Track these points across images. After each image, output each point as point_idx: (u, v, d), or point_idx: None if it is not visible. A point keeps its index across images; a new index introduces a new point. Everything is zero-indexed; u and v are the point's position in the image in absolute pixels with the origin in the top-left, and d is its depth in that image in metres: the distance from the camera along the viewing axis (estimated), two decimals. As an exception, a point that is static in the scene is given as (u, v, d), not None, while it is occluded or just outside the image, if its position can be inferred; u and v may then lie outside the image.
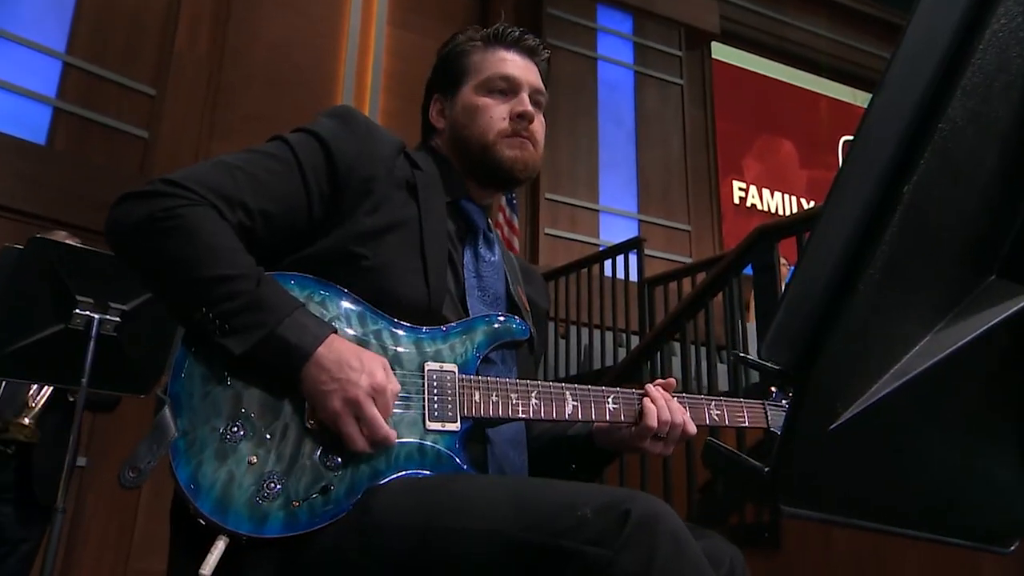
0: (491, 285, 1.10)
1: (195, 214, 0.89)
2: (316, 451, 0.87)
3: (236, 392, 0.86)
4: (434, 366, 0.96)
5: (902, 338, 0.47)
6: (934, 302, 0.49)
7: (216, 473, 0.82)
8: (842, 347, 0.45)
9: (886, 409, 0.45)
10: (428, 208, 1.05)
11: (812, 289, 0.45)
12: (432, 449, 0.92)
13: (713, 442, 0.48)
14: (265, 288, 0.88)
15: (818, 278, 0.45)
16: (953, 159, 0.46)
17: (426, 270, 1.00)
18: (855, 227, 0.46)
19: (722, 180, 7.12)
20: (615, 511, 0.74)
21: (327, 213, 0.99)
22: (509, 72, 1.12)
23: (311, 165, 0.98)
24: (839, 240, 0.46)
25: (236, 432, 0.84)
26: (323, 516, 0.85)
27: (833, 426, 0.44)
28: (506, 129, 1.10)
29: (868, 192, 0.46)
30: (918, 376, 0.46)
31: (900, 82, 0.46)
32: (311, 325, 0.88)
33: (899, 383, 0.46)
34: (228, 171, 0.94)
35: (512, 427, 1.06)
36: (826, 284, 0.46)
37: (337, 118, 1.03)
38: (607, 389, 1.06)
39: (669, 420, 1.05)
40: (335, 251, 0.98)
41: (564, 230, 6.18)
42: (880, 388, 0.46)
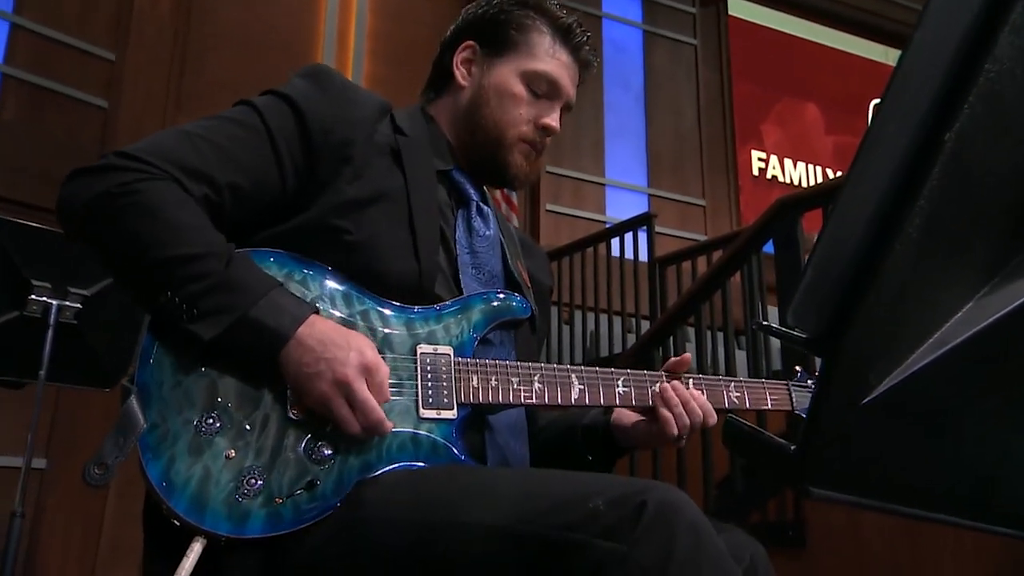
0: (486, 262, 1.09)
1: (154, 189, 0.87)
2: (300, 443, 0.87)
3: (211, 380, 0.86)
4: (427, 349, 0.95)
5: (942, 304, 0.47)
6: (978, 264, 0.48)
7: (191, 469, 0.82)
8: (876, 313, 0.45)
9: (924, 382, 0.45)
10: (415, 176, 1.04)
11: (843, 249, 0.45)
12: (427, 439, 0.92)
13: (734, 419, 0.48)
14: (236, 267, 0.87)
15: (850, 237, 0.45)
16: (1000, 104, 0.45)
17: (416, 245, 0.99)
18: (891, 180, 0.45)
19: (739, 149, 7.10)
20: (630, 502, 0.73)
21: (303, 184, 0.98)
22: (559, 79, 1.12)
23: (281, 131, 0.97)
24: (873, 195, 0.45)
25: (212, 424, 0.84)
26: (309, 514, 0.84)
27: (866, 400, 0.44)
28: (527, 134, 1.11)
29: (906, 141, 0.45)
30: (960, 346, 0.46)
31: (941, 18, 0.45)
32: (289, 305, 0.88)
33: (939, 353, 0.46)
34: (189, 141, 0.93)
35: (512, 414, 1.06)
36: (859, 244, 0.45)
37: (310, 78, 1.02)
38: (616, 371, 1.05)
39: (687, 423, 1.06)
40: (314, 225, 0.96)
41: (567, 206, 6.16)
42: (918, 359, 0.45)
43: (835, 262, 0.45)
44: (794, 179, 7.26)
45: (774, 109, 7.40)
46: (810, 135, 7.50)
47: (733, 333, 3.34)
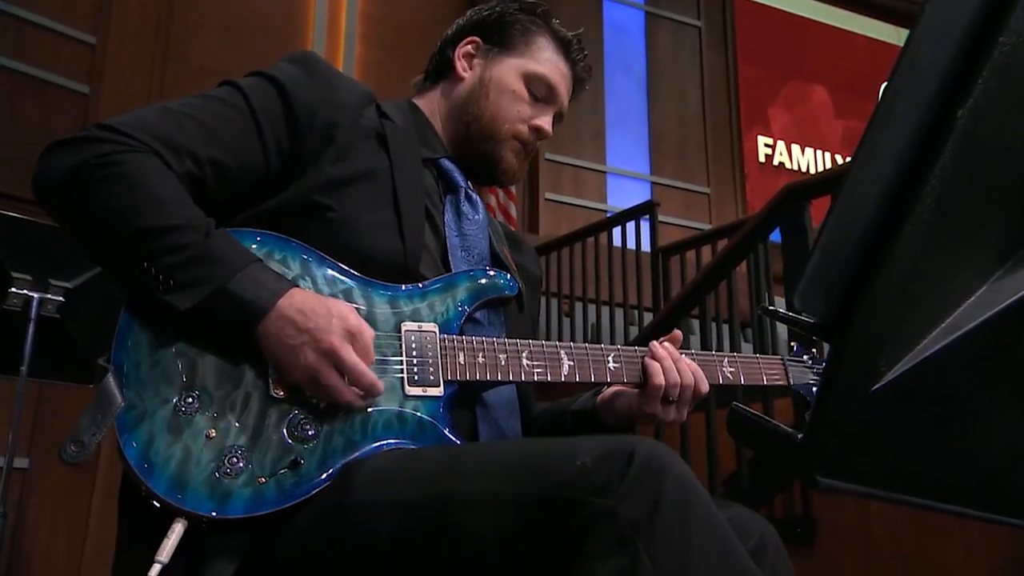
0: (476, 244, 1.11)
1: (135, 161, 0.88)
2: (283, 422, 0.88)
3: (189, 360, 0.87)
4: (412, 326, 0.97)
5: (955, 287, 0.47)
6: (992, 246, 0.48)
7: (170, 449, 0.82)
8: (886, 297, 0.45)
9: (936, 368, 0.45)
10: (401, 160, 1.06)
11: (852, 230, 0.45)
12: (413, 417, 0.93)
13: (738, 407, 0.48)
14: (215, 240, 0.88)
15: (858, 218, 0.45)
16: (1015, 79, 0.45)
17: (400, 224, 1.01)
18: (901, 159, 0.45)
19: (745, 135, 7.09)
20: (616, 457, 0.75)
21: (287, 165, 1.00)
22: (558, 85, 1.19)
23: (266, 111, 0.99)
24: (882, 174, 0.45)
25: (191, 404, 0.85)
26: (293, 494, 0.85)
27: (876, 387, 0.44)
28: (521, 132, 1.16)
29: (916, 118, 0.45)
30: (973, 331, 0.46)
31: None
32: (268, 280, 0.89)
33: (952, 338, 0.46)
34: (172, 117, 0.95)
35: (504, 392, 1.07)
36: (868, 225, 0.45)
37: (296, 62, 1.05)
38: (607, 348, 1.07)
39: (678, 380, 1.06)
40: (297, 203, 0.98)
41: (567, 195, 6.15)
42: (930, 344, 0.45)
43: (843, 244, 0.45)
44: (802, 165, 7.25)
45: (781, 93, 7.39)
46: (819, 119, 7.49)
47: (739, 325, 3.34)
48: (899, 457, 0.47)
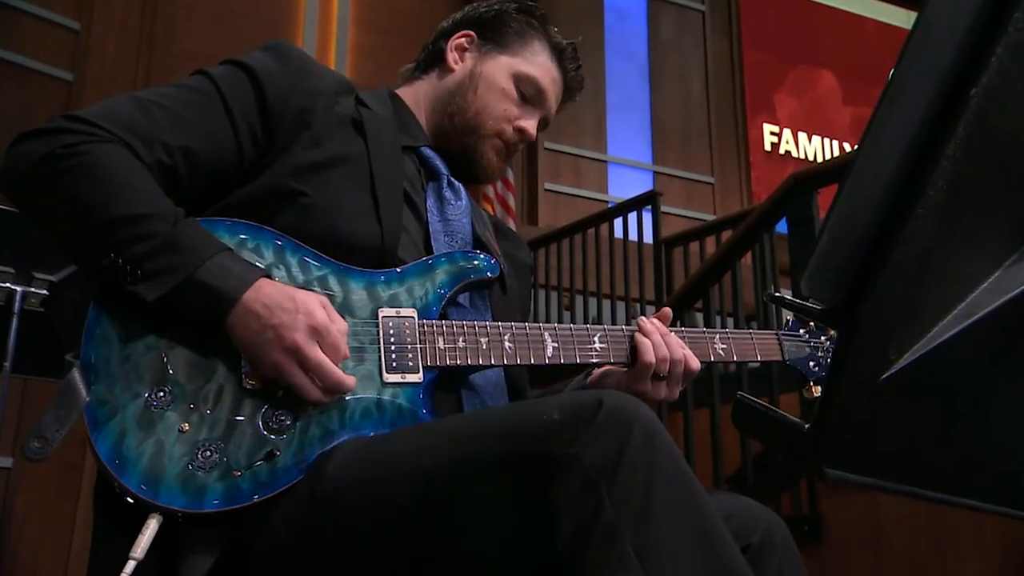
0: (459, 229, 1.12)
1: (103, 151, 0.89)
2: (258, 414, 0.89)
3: (160, 354, 0.88)
4: (389, 312, 0.98)
5: (967, 273, 0.47)
6: (1005, 231, 0.48)
7: (142, 445, 0.83)
8: (896, 283, 0.44)
9: (948, 355, 0.45)
10: (378, 145, 1.08)
11: (861, 214, 0.45)
12: (391, 404, 0.94)
13: (744, 397, 0.48)
14: (184, 229, 0.89)
15: (868, 201, 0.44)
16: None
17: (378, 208, 1.03)
18: (912, 140, 0.45)
19: (751, 123, 7.08)
20: (585, 408, 0.76)
21: (261, 153, 1.01)
22: (547, 90, 1.21)
23: (238, 98, 1.01)
24: (892, 156, 0.45)
25: (163, 398, 0.85)
26: (269, 486, 0.86)
27: (885, 375, 0.44)
28: (504, 131, 1.18)
29: (928, 97, 0.45)
30: (986, 317, 0.46)
31: (967, -36, 0.44)
32: (237, 269, 0.90)
33: (964, 325, 0.46)
34: (141, 106, 0.96)
35: (491, 374, 1.08)
36: (877, 208, 0.45)
37: (269, 50, 1.07)
38: (592, 327, 1.07)
39: (667, 356, 1.06)
40: (270, 189, 0.99)
41: (567, 184, 6.14)
42: (941, 331, 0.45)
43: (852, 227, 0.45)
44: (809, 154, 7.24)
45: (788, 79, 7.38)
46: (826, 106, 7.48)
47: (744, 318, 3.34)
48: (910, 448, 0.47)
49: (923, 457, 0.47)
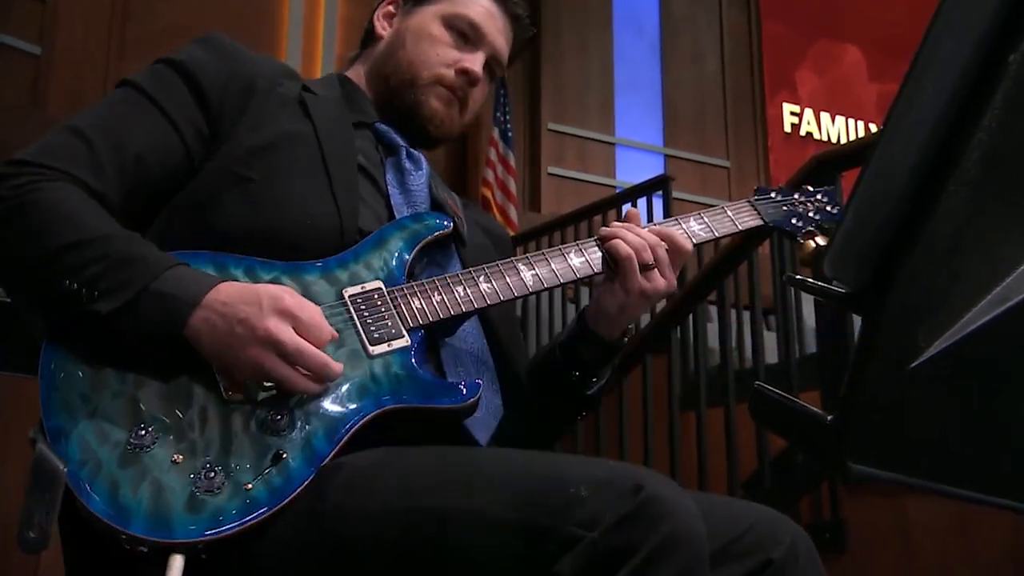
0: (422, 199, 1.16)
1: (49, 187, 0.93)
2: (250, 423, 0.89)
3: (129, 396, 0.89)
4: (354, 289, 1.00)
5: (1003, 254, 0.47)
6: (1044, 209, 0.48)
7: (139, 489, 0.83)
8: (926, 265, 0.44)
9: (982, 343, 0.45)
10: (326, 123, 1.11)
11: (889, 190, 0.44)
12: (385, 375, 0.96)
13: (762, 387, 0.48)
14: (138, 246, 0.93)
15: (896, 176, 0.44)
16: (1072, 19, 0.44)
17: (332, 184, 1.05)
18: (945, 109, 0.45)
19: (769, 102, 7.06)
20: (618, 490, 0.77)
21: (207, 146, 1.05)
22: (480, 22, 1.21)
23: (171, 97, 1.05)
24: (923, 127, 0.44)
25: (144, 437, 0.86)
26: (286, 489, 0.86)
27: (915, 364, 0.43)
28: (444, 77, 1.18)
29: (962, 63, 0.45)
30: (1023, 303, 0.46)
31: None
32: (193, 276, 0.92)
33: (999, 311, 0.46)
34: (78, 134, 1.00)
35: (471, 341, 1.10)
36: (906, 184, 0.45)
37: (198, 43, 1.11)
38: (563, 246, 1.11)
39: (643, 241, 1.08)
40: (214, 180, 1.02)
41: (572, 169, 6.13)
42: (975, 317, 0.45)
43: (879, 205, 0.45)
44: (832, 135, 7.23)
45: (809, 54, 7.36)
46: (851, 84, 7.45)
47: (761, 312, 3.34)
48: (939, 442, 0.47)
49: (953, 452, 0.47)
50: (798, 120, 7.16)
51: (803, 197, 1.27)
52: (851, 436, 0.44)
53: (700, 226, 1.17)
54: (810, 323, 3.62)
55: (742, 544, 0.95)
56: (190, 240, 0.98)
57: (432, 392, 0.96)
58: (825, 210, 1.27)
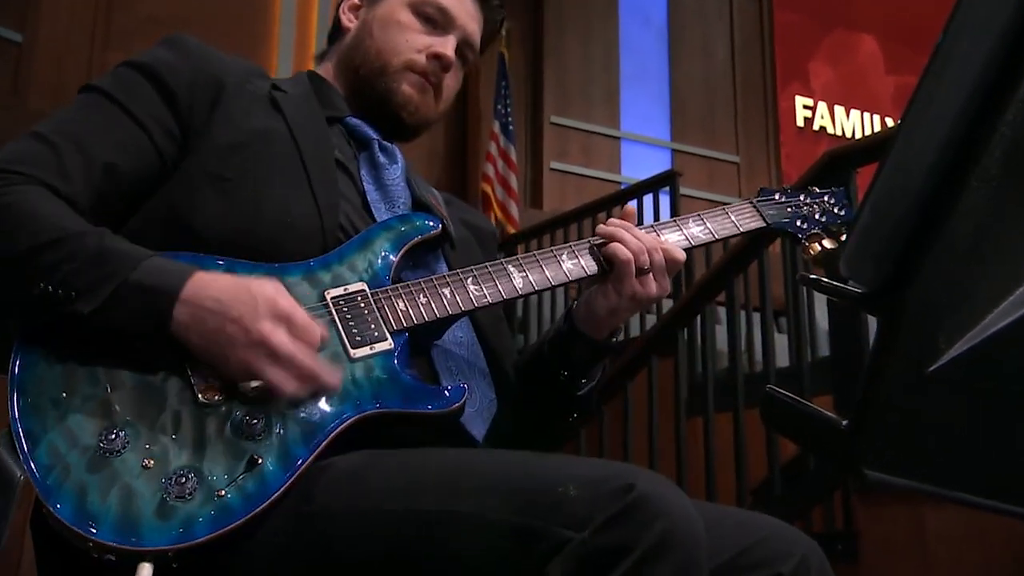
0: (398, 194, 1.17)
1: (18, 192, 0.94)
2: (225, 426, 0.90)
3: (101, 399, 0.89)
4: (336, 291, 1.01)
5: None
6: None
7: (107, 496, 0.84)
8: (947, 263, 0.44)
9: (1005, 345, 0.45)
10: (298, 120, 1.12)
11: (908, 186, 0.44)
12: (366, 379, 0.96)
13: (774, 390, 0.48)
14: (111, 241, 0.93)
15: (916, 171, 0.44)
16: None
17: (310, 180, 1.06)
18: (966, 104, 0.45)
19: (781, 94, 7.07)
20: (609, 489, 0.77)
21: (180, 148, 1.06)
22: (449, 6, 1.22)
23: (137, 100, 1.06)
24: (944, 119, 0.44)
25: (115, 441, 0.87)
26: (261, 496, 0.86)
27: (934, 367, 0.43)
28: (416, 63, 1.20)
29: (985, 55, 0.45)
30: (1047, 304, 0.46)
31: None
32: (172, 266, 0.93)
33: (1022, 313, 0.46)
34: (45, 141, 1.00)
35: (461, 337, 1.11)
36: (926, 180, 0.45)
37: (164, 43, 1.12)
38: (556, 247, 1.11)
39: (641, 243, 1.08)
40: (189, 179, 1.03)
41: (575, 164, 6.14)
42: (997, 318, 0.45)
43: (897, 201, 0.44)
44: (847, 129, 7.23)
45: (823, 45, 7.36)
46: (867, 76, 7.45)
47: (772, 313, 3.34)
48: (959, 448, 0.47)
49: (973, 458, 0.47)
50: (811, 113, 7.16)
51: (809, 198, 1.27)
52: (866, 441, 0.44)
53: (700, 228, 1.17)
54: (823, 325, 3.61)
55: (751, 557, 0.95)
56: (165, 244, 0.98)
57: (414, 396, 0.97)
58: (832, 212, 1.26)
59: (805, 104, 7.16)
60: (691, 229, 1.17)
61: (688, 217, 1.18)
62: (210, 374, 0.91)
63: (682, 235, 1.16)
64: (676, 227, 1.16)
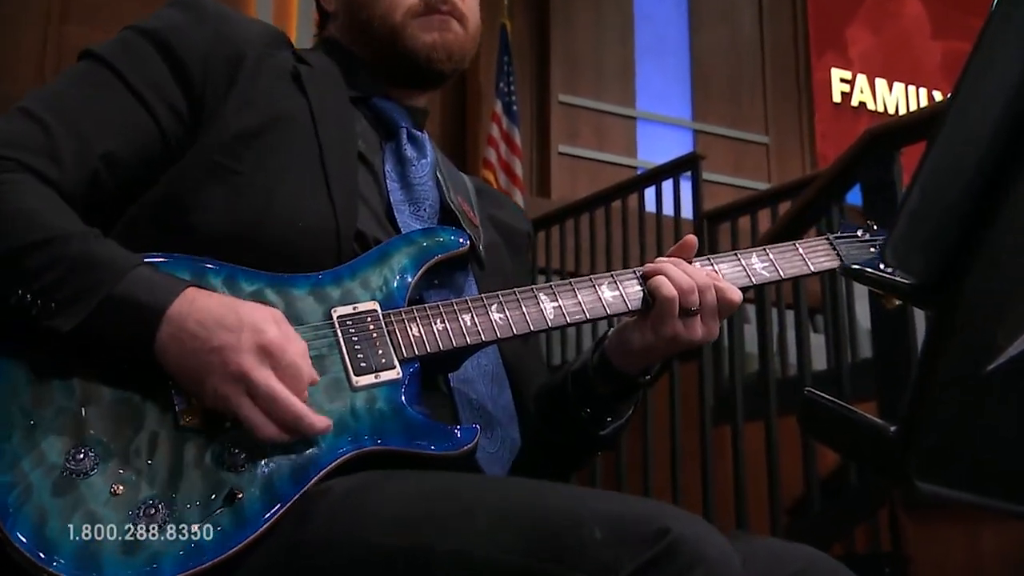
0: (425, 196, 1.16)
1: (2, 181, 0.93)
2: (205, 454, 0.89)
3: (73, 412, 0.89)
4: (345, 310, 1.00)
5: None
6: None
7: (68, 521, 0.84)
8: (1006, 252, 0.44)
9: (1070, 342, 0.45)
10: (322, 99, 1.10)
11: (960, 166, 0.44)
12: (368, 411, 0.95)
13: (813, 393, 0.48)
14: (96, 246, 0.93)
15: (970, 148, 0.44)
16: None
17: (328, 179, 1.05)
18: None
19: (815, 66, 7.06)
20: (640, 532, 0.76)
21: (189, 129, 1.04)
22: None
23: (143, 73, 1.04)
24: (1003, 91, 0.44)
25: (82, 461, 0.86)
26: (238, 535, 0.86)
27: (992, 366, 0.43)
28: (416, 6, 1.17)
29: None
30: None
31: None
32: (161, 279, 0.92)
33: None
34: (34, 119, 0.99)
35: (484, 364, 1.10)
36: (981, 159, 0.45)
37: (176, 4, 1.10)
38: (595, 276, 1.09)
39: (692, 283, 1.06)
40: (194, 170, 1.02)
41: (586, 147, 6.14)
42: (1061, 312, 0.45)
43: (950, 183, 0.44)
44: (889, 105, 7.22)
45: (862, 8, 7.34)
46: (911, 43, 7.43)
47: (807, 311, 3.34)
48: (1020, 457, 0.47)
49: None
50: (849, 88, 7.15)
51: None
52: (917, 450, 0.44)
53: (764, 264, 1.14)
54: (864, 324, 3.61)
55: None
56: (161, 243, 0.98)
57: (419, 434, 0.96)
58: None
59: (842, 77, 7.15)
60: (753, 265, 1.14)
61: (751, 251, 1.15)
62: (195, 396, 0.91)
63: (741, 270, 1.13)
64: (735, 260, 1.14)
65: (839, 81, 7.12)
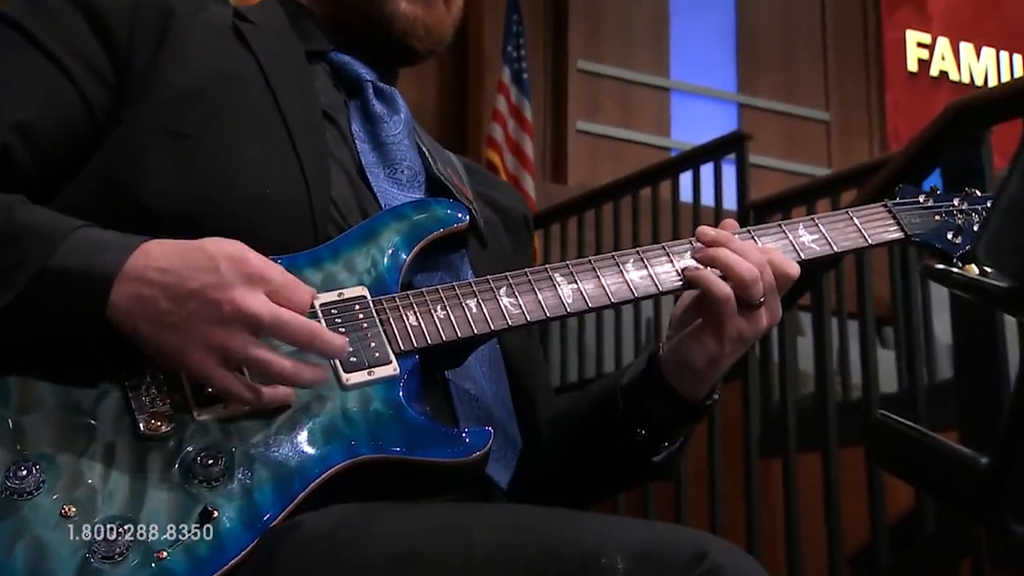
0: (401, 156, 1.18)
1: None
2: (172, 465, 0.90)
3: (12, 424, 0.89)
4: (328, 296, 1.00)
5: None
6: None
7: (12, 551, 0.84)
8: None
9: None
10: (272, 56, 1.13)
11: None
12: (362, 414, 0.96)
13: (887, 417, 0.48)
14: (24, 213, 0.94)
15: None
16: None
17: (292, 137, 1.07)
18: None
19: (887, 26, 7.06)
20: (673, 558, 0.77)
21: (116, 94, 1.05)
22: None
23: (58, 33, 1.06)
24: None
25: (26, 479, 0.87)
26: (214, 561, 0.86)
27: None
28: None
29: None
30: None
31: None
32: (107, 240, 0.93)
33: None
34: None
35: (482, 349, 1.10)
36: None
37: None
38: (619, 253, 1.09)
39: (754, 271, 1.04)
40: (135, 136, 1.03)
41: (610, 124, 6.16)
42: None
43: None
44: (976, 75, 7.21)
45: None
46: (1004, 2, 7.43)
47: (874, 320, 3.34)
48: None
49: None
50: (928, 53, 7.15)
51: (966, 204, 1.23)
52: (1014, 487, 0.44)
53: (813, 236, 1.15)
54: (943, 338, 3.61)
55: None
56: (105, 227, 0.97)
57: (424, 440, 0.96)
58: None
59: (920, 41, 7.16)
60: (801, 237, 1.14)
61: (797, 221, 1.15)
62: (156, 396, 0.91)
63: (787, 243, 1.13)
64: (780, 233, 1.14)
65: (916, 45, 7.13)
